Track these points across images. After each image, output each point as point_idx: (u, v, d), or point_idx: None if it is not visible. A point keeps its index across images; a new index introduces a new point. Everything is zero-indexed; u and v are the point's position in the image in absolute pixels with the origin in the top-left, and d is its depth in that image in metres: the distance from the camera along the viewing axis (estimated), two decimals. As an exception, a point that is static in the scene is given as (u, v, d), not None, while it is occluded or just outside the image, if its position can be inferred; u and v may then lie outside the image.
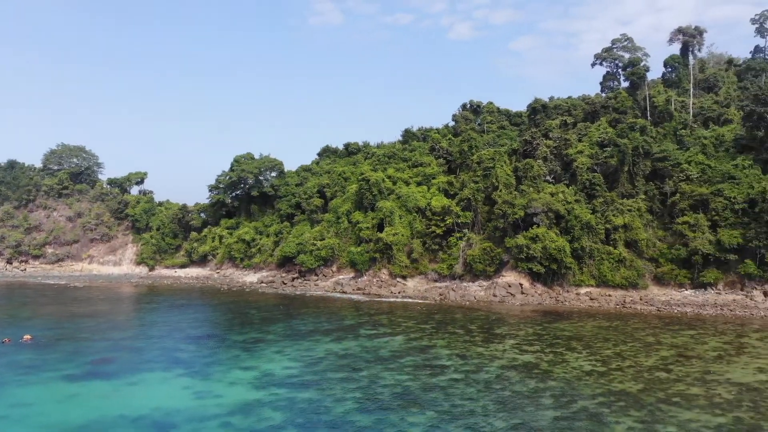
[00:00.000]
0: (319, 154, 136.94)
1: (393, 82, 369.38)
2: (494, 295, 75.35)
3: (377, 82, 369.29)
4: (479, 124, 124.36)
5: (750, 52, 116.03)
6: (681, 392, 35.41)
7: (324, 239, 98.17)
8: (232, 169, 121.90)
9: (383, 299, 79.57)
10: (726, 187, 73.64)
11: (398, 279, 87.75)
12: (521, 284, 76.20)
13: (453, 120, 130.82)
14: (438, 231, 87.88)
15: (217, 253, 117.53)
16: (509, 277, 77.99)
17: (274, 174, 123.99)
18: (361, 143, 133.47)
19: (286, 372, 41.57)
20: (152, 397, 35.96)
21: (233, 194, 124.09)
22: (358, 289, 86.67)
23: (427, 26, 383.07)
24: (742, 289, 68.32)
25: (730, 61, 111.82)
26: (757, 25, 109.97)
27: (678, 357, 44.08)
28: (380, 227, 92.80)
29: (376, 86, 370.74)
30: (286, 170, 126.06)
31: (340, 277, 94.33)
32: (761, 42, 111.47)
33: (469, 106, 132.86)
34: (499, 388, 36.87)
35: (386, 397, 35.41)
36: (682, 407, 32.66)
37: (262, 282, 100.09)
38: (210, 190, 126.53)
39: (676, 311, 64.90)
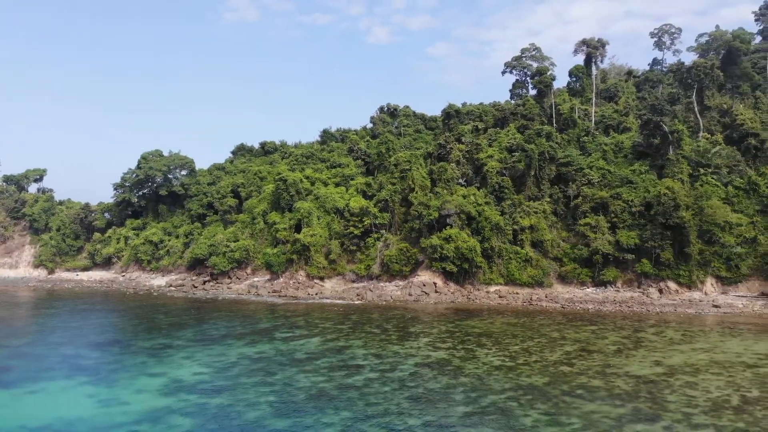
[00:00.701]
0: (233, 153, 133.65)
1: (311, 82, 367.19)
2: (410, 295, 76.57)
3: (295, 81, 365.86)
4: (396, 127, 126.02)
5: (648, 65, 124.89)
6: (583, 385, 37.41)
7: (238, 240, 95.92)
8: (139, 167, 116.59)
9: (300, 301, 78.79)
10: (624, 191, 78.73)
11: (316, 280, 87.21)
12: (435, 283, 77.96)
13: (371, 122, 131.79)
14: (356, 232, 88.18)
15: (123, 255, 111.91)
16: (424, 276, 79.56)
17: (184, 172, 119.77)
18: (278, 142, 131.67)
19: (197, 378, 40.16)
20: (54, 406, 33.85)
21: (140, 193, 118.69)
22: (274, 291, 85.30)
23: (346, 28, 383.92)
24: (638, 287, 73.22)
25: (629, 73, 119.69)
26: (655, 39, 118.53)
27: (581, 351, 46.59)
28: (298, 228, 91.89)
29: (294, 86, 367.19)
30: (197, 168, 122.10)
31: (255, 279, 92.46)
32: (659, 55, 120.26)
33: (386, 109, 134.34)
34: (413, 386, 37.47)
35: (301, 400, 35.06)
36: (585, 399, 34.51)
37: (171, 285, 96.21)
38: (115, 189, 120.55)
39: (578, 308, 68.62)
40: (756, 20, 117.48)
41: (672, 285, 71.29)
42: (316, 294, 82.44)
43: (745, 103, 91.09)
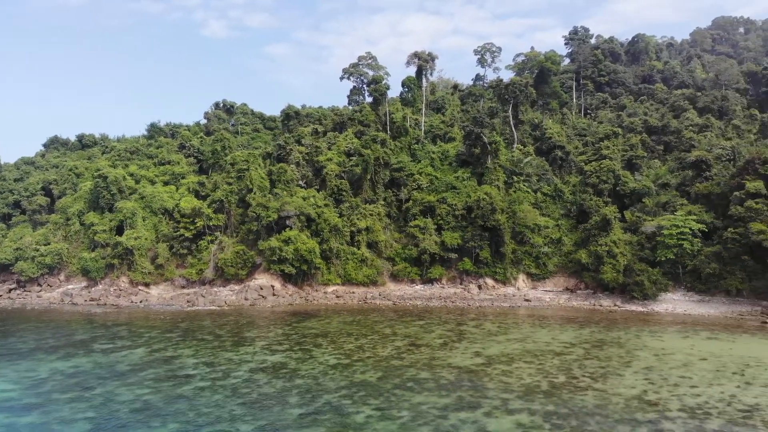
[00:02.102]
0: (45, 146, 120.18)
1: (137, 72, 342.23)
2: (246, 299, 74.70)
3: (120, 71, 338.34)
4: (233, 125, 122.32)
5: (472, 80, 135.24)
6: (413, 377, 39.44)
7: (49, 244, 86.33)
8: None
9: (123, 309, 73.01)
10: (449, 196, 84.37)
11: (140, 287, 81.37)
12: (273, 286, 76.98)
13: (205, 118, 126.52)
14: (187, 234, 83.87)
15: None
16: (262, 279, 78.13)
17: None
18: (98, 136, 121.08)
19: (2, 396, 35.58)
20: None
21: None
22: (92, 299, 78.06)
23: (178, 19, 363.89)
24: (461, 284, 78.92)
25: (455, 86, 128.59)
26: (478, 56, 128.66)
27: (410, 346, 49.04)
28: (119, 230, 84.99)
29: (119, 75, 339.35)
30: (2, 163, 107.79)
31: (70, 286, 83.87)
32: (481, 71, 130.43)
33: (222, 105, 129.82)
34: (246, 392, 36.66)
35: (124, 414, 32.59)
36: (414, 391, 36.40)
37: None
38: None
39: (409, 304, 72.17)
40: (565, 44, 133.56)
41: (489, 281, 77.95)
42: (141, 302, 76.96)
43: (553, 119, 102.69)
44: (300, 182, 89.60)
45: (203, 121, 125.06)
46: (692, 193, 75.63)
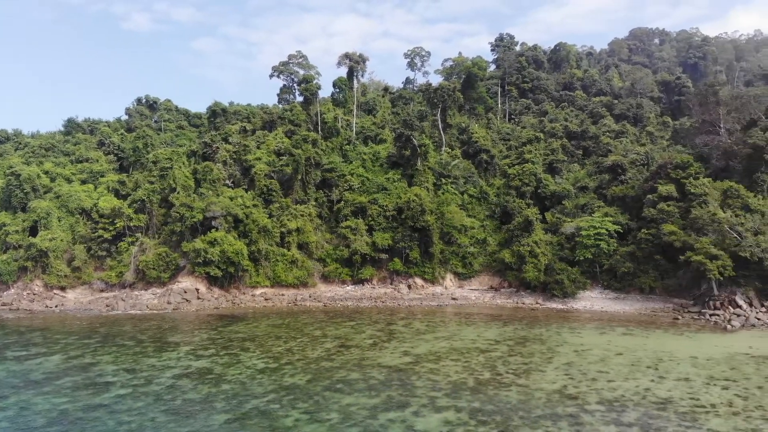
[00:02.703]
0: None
1: (56, 66, 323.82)
2: (169, 303, 72.18)
3: (34, 64, 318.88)
4: (156, 122, 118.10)
5: (402, 83, 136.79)
6: (343, 378, 39.44)
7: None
8: None
9: (37, 315, 68.87)
10: (380, 197, 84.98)
11: (56, 291, 77.07)
12: (198, 289, 74.79)
13: (127, 114, 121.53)
14: (106, 235, 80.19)
15: None
16: (185, 282, 75.73)
17: None
18: (10, 131, 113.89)
19: None
20: None
21: None
22: (4, 304, 73.35)
23: (99, 10, 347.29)
24: (391, 284, 79.64)
25: (386, 89, 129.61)
26: (408, 60, 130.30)
27: (340, 347, 49.01)
28: (33, 231, 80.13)
29: (33, 68, 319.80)
30: None
31: (-24, 290, 78.23)
32: (411, 74, 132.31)
33: (145, 101, 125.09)
34: (170, 399, 35.50)
35: (40, 425, 30.86)
36: (344, 393, 36.41)
37: None
38: None
39: (339, 305, 72.09)
40: (492, 50, 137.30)
41: (419, 281, 79.14)
42: (57, 306, 72.88)
43: (479, 123, 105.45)
44: (227, 182, 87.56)
45: (124, 117, 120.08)
46: (608, 196, 79.77)
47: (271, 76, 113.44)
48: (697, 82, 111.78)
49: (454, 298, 74.66)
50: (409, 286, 78.44)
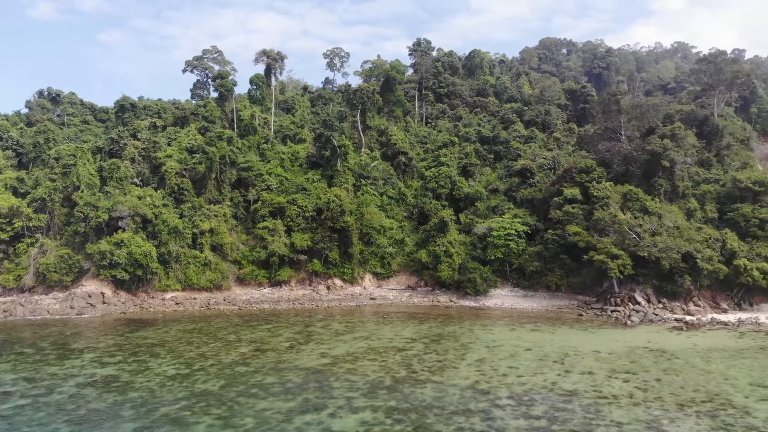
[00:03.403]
0: None
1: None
2: (72, 307, 67.95)
3: None
4: (59, 116, 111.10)
5: (322, 83, 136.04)
6: (258, 383, 38.73)
7: None
8: None
9: None
10: (299, 197, 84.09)
11: (-60, 296, 70.60)
12: (103, 293, 70.83)
13: (27, 107, 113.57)
14: (3, 236, 74.34)
15: None
16: (90, 286, 71.57)
17: None
18: None
19: None
20: None
21: None
22: None
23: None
24: (310, 285, 79.03)
25: (305, 88, 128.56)
26: (328, 60, 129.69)
27: (255, 351, 48.09)
28: None
29: None
30: None
31: None
32: (331, 75, 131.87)
33: (47, 93, 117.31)
34: (73, 409, 33.53)
35: None
36: (259, 397, 35.76)
37: None
38: None
39: (255, 308, 70.67)
40: (409, 55, 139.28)
41: (338, 281, 79.06)
42: (-58, 313, 66.84)
43: (398, 126, 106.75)
44: (135, 180, 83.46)
45: (25, 111, 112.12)
46: (518, 198, 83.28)
47: (185, 71, 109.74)
48: (600, 91, 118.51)
49: (372, 298, 75.18)
50: (328, 287, 78.17)
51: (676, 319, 59.44)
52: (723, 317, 60.45)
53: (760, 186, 70.85)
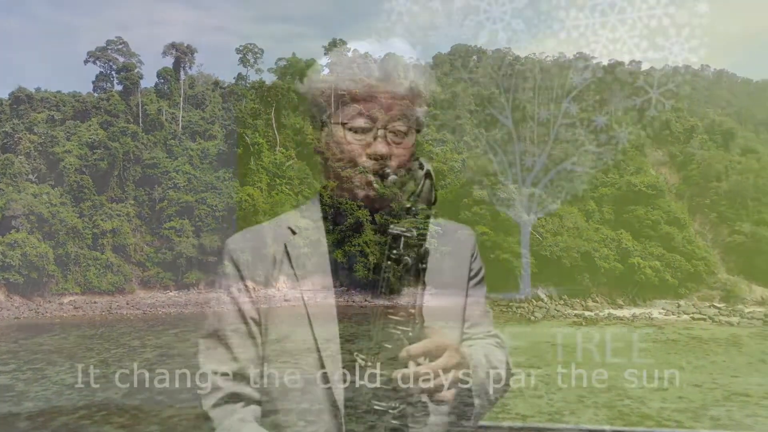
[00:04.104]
0: None
1: None
2: (-47, 314, 62.76)
3: None
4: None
5: (234, 78, 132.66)
6: (164, 390, 37.20)
7: None
8: None
9: None
10: (209, 196, 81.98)
11: None
12: (-8, 298, 66.04)
13: None
14: None
15: None
16: (-25, 290, 66.49)
17: None
18: None
19: None
20: None
21: None
22: None
23: None
24: (220, 288, 77.18)
25: (216, 83, 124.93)
26: (241, 55, 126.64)
27: (161, 356, 46.42)
28: None
29: None
30: None
31: None
32: (244, 71, 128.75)
33: None
34: (-47, 426, 30.90)
35: None
36: (165, 404, 34.53)
37: None
38: None
39: (161, 312, 68.28)
40: (325, 54, 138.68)
41: (249, 283, 77.63)
42: None
43: (314, 125, 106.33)
44: (31, 176, 78.49)
45: None
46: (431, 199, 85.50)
47: (86, 62, 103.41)
48: (508, 97, 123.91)
49: (286, 300, 74.04)
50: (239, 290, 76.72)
51: (575, 315, 63.36)
52: (619, 312, 65.15)
53: (653, 189, 77.09)
